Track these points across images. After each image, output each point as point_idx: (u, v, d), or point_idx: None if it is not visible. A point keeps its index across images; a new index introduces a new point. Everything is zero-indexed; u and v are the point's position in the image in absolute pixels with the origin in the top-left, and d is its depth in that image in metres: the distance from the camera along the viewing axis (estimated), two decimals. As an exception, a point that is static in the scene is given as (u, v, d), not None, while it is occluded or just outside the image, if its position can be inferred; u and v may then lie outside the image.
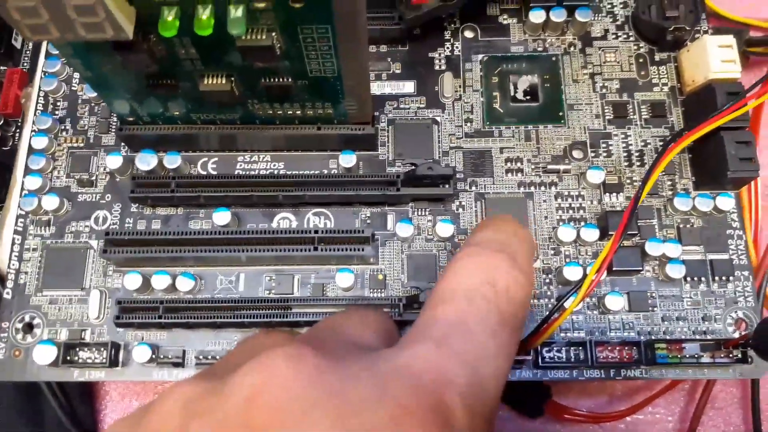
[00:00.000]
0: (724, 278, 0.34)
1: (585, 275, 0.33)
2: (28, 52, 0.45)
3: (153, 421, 0.20)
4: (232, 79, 0.30)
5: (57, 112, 0.38)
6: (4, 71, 0.44)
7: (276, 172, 0.36)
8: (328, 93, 0.31)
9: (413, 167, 0.35)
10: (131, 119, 0.34)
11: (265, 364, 0.20)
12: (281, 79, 0.30)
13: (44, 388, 0.36)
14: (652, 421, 0.39)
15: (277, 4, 0.24)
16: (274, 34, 0.26)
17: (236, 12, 0.24)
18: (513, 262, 0.25)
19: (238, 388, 0.19)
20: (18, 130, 0.43)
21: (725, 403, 0.39)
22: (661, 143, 0.36)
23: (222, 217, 0.34)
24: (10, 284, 0.35)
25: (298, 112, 0.33)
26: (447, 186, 0.34)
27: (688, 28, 0.36)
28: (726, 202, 0.34)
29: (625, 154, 0.36)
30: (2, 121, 0.43)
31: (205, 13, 0.24)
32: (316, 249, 0.33)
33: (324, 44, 0.27)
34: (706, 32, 0.38)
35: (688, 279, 0.34)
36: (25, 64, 0.44)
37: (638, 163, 0.36)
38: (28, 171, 0.36)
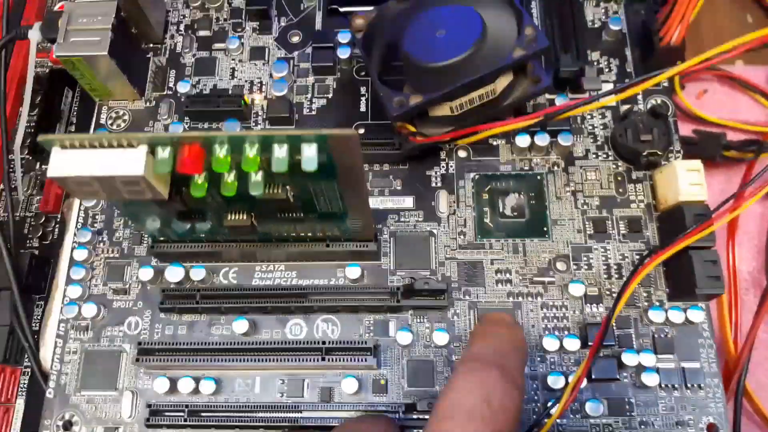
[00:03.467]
0: (696, 385, 0.37)
1: (566, 383, 0.36)
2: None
3: None
4: (252, 214, 0.34)
5: (95, 225, 0.42)
6: (45, 171, 0.49)
7: (290, 281, 0.40)
8: (335, 221, 0.36)
9: (412, 281, 0.39)
10: (161, 238, 0.39)
11: None
12: (294, 214, 0.34)
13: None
14: None
15: (289, 170, 0.28)
16: (288, 188, 0.31)
17: (256, 177, 0.29)
18: (507, 376, 0.29)
19: None
20: (57, 226, 0.48)
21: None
22: (638, 256, 0.39)
23: (240, 326, 0.38)
24: (52, 384, 0.39)
25: (309, 234, 0.38)
26: (442, 298, 0.38)
27: (660, 153, 0.40)
28: (696, 314, 0.37)
29: (605, 267, 0.39)
30: (44, 219, 0.48)
31: (230, 178, 0.29)
32: (323, 359, 0.37)
33: (331, 193, 0.32)
34: (679, 152, 0.42)
35: (663, 386, 0.37)
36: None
37: (616, 276, 0.39)
38: (69, 281, 0.41)
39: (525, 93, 0.39)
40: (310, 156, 0.27)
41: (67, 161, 0.27)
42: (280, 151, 0.27)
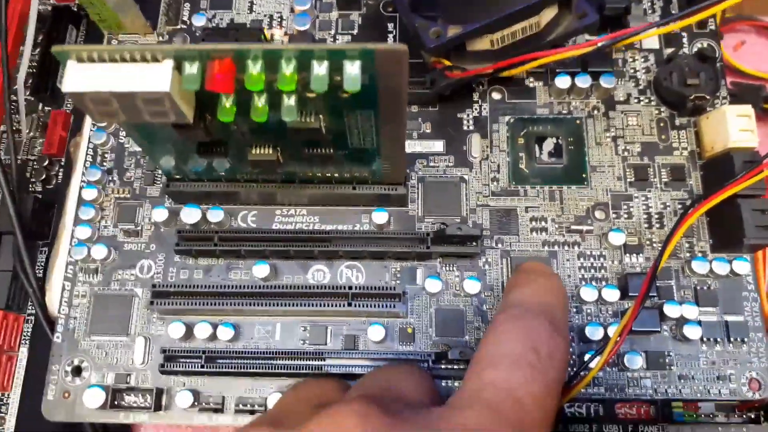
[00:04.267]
0: (739, 339, 0.35)
1: (605, 335, 0.35)
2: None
3: None
4: (278, 149, 0.32)
5: (105, 164, 0.40)
6: (49, 112, 0.47)
7: (312, 226, 0.38)
8: (365, 160, 0.33)
9: (443, 226, 0.36)
10: (177, 176, 0.36)
11: (336, 420, 0.22)
12: (323, 150, 0.32)
13: (88, 429, 0.38)
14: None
15: (326, 93, 0.26)
16: (321, 116, 0.28)
17: (289, 101, 0.26)
18: (553, 326, 0.27)
19: None
20: (62, 170, 0.45)
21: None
22: (680, 206, 0.37)
23: (261, 270, 0.36)
24: (60, 329, 0.37)
25: (336, 174, 0.35)
26: (474, 245, 0.36)
27: (708, 97, 0.38)
28: (742, 266, 0.36)
29: (645, 216, 0.37)
30: (47, 162, 0.46)
31: (260, 101, 0.26)
32: (349, 305, 0.35)
33: (366, 124, 0.29)
34: (725, 98, 0.39)
35: (705, 340, 0.35)
36: (69, 106, 0.47)
37: (657, 225, 0.37)
38: (78, 221, 0.38)
39: (569, 28, 0.36)
40: (353, 74, 0.24)
41: (84, 76, 0.25)
42: (319, 68, 0.24)
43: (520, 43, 0.36)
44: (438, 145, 0.39)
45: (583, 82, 0.39)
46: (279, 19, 0.43)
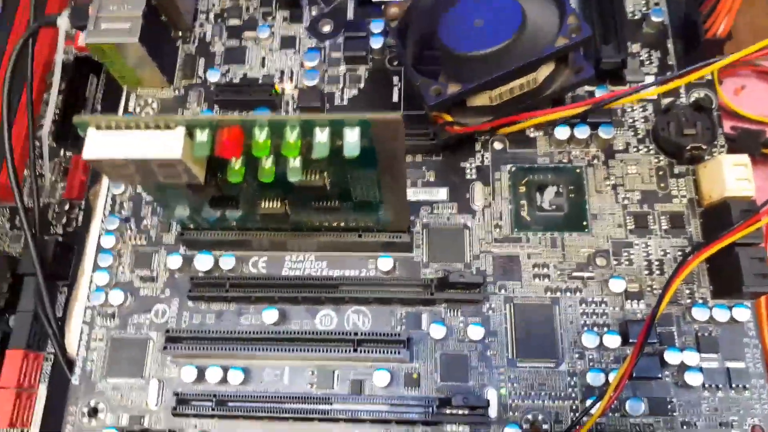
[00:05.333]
0: (741, 386, 0.35)
1: (607, 381, 0.35)
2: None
3: None
4: (286, 202, 0.33)
5: (122, 212, 0.42)
6: (70, 158, 0.49)
7: (320, 271, 0.39)
8: (370, 211, 0.35)
9: (446, 273, 0.38)
10: (191, 226, 0.38)
11: None
12: (329, 203, 0.34)
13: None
14: None
15: (330, 157, 0.27)
16: (325, 174, 0.30)
17: (294, 162, 0.28)
18: None
19: None
20: (82, 212, 0.47)
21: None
22: (680, 253, 0.38)
23: (270, 316, 0.37)
24: (78, 371, 0.39)
25: (342, 224, 0.37)
26: (477, 291, 0.37)
27: (704, 147, 0.39)
28: (742, 313, 0.36)
29: (646, 263, 0.38)
30: (68, 206, 0.48)
31: (267, 163, 0.28)
32: (356, 351, 0.36)
33: (368, 180, 0.31)
34: (723, 146, 0.40)
35: (706, 386, 0.36)
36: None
37: (658, 272, 0.38)
38: (96, 267, 0.40)
39: (566, 83, 0.38)
40: (352, 141, 0.26)
41: (102, 143, 0.26)
42: (321, 136, 0.26)
43: (518, 98, 0.37)
44: (442, 193, 0.41)
45: (582, 132, 0.40)
46: (290, 74, 0.45)
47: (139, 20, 0.41)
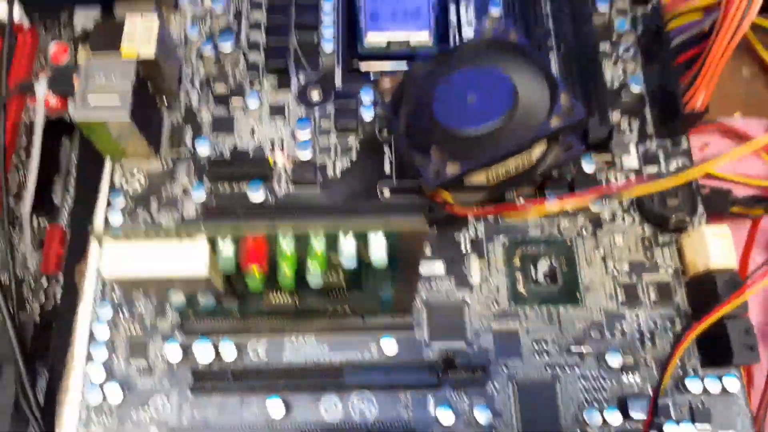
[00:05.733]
0: (734, 455, 0.37)
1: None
2: (65, 209, 0.47)
3: None
4: (296, 297, 0.33)
5: (114, 298, 0.40)
6: (44, 229, 0.46)
7: (321, 356, 0.39)
8: (378, 299, 0.35)
9: (450, 354, 0.38)
10: (188, 314, 0.37)
11: None
12: (339, 294, 0.33)
13: None
14: None
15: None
16: (342, 274, 0.30)
17: (315, 269, 0.28)
18: None
19: None
20: (59, 286, 0.45)
21: None
22: (669, 324, 0.40)
23: (276, 410, 0.37)
24: (73, 473, 0.37)
25: (346, 308, 0.37)
26: (483, 373, 0.38)
27: (687, 219, 0.41)
28: (732, 383, 0.38)
29: (638, 335, 0.40)
30: (46, 282, 0.45)
31: (288, 270, 0.28)
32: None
33: (384, 277, 0.31)
34: (704, 215, 0.42)
35: (702, 456, 0.37)
36: (62, 221, 0.47)
37: (650, 344, 0.39)
38: (90, 358, 0.39)
39: (557, 160, 0.39)
40: (380, 255, 0.26)
41: (122, 258, 0.26)
42: (348, 247, 0.26)
43: (514, 177, 0.38)
44: (439, 267, 0.41)
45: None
46: (280, 143, 0.45)
47: (128, 95, 0.39)
